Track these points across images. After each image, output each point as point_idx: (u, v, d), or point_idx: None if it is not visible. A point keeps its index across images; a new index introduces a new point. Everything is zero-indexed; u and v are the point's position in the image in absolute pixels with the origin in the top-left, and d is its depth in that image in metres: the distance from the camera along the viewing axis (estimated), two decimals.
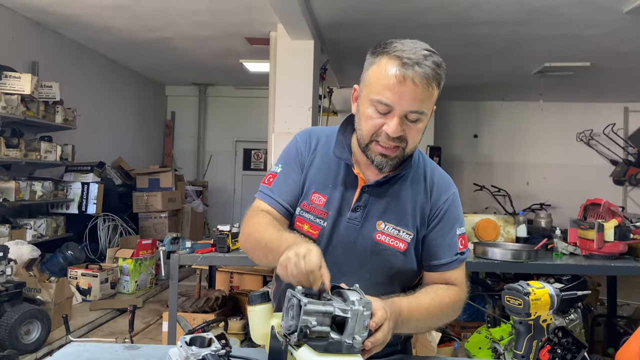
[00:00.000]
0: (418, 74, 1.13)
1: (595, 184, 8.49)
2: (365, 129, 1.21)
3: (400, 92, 1.14)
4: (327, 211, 1.27)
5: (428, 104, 1.19)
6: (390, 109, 1.16)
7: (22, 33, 5.27)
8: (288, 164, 1.34)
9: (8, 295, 3.46)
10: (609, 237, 2.96)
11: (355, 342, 0.99)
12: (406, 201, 1.29)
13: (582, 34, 5.18)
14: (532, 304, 0.99)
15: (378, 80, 1.17)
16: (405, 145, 1.21)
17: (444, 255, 1.29)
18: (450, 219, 1.31)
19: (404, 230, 1.27)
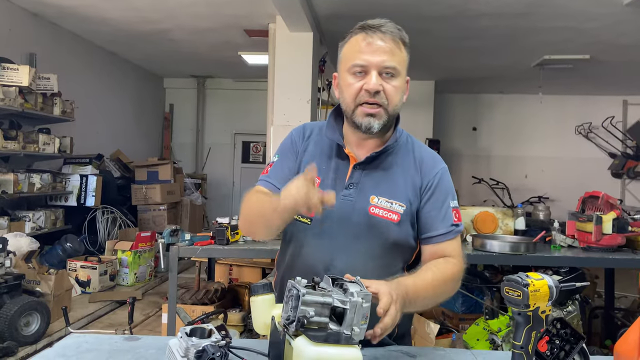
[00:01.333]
0: (382, 32, 1.28)
1: (594, 177, 8.50)
2: (348, 95, 1.30)
3: (370, 51, 1.27)
4: (321, 191, 1.30)
5: (398, 59, 1.30)
6: (366, 68, 1.27)
7: (20, 24, 5.24)
8: (284, 153, 1.42)
9: (7, 287, 3.47)
10: (607, 229, 2.96)
11: (354, 334, 1.00)
12: (397, 175, 1.35)
13: (581, 26, 5.16)
14: (531, 296, 1.00)
15: (350, 51, 1.31)
16: (387, 104, 1.29)
17: (440, 226, 1.33)
18: (442, 192, 1.36)
19: (397, 202, 1.32)
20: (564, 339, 1.17)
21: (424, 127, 8.43)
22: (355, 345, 1.00)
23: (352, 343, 1.00)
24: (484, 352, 1.36)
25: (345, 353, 0.98)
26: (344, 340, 0.99)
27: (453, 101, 9.22)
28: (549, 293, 1.02)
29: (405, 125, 3.21)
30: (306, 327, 1.00)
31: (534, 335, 1.03)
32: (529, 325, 1.03)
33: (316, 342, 0.98)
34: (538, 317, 1.03)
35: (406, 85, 1.37)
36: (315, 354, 0.97)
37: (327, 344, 0.98)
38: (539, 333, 1.04)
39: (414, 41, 1.40)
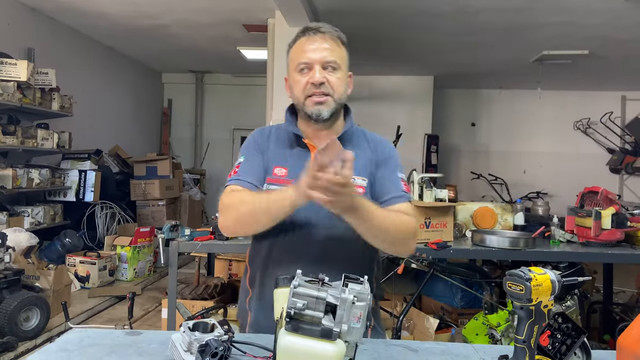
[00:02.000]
0: (321, 32, 1.45)
1: (592, 172, 8.51)
2: (297, 90, 1.46)
3: (312, 50, 1.43)
4: (290, 179, 1.43)
5: (338, 55, 1.45)
6: (310, 65, 1.43)
7: (18, 19, 5.22)
8: (249, 153, 1.53)
9: (7, 282, 3.47)
10: (606, 224, 2.97)
11: (342, 331, 1.00)
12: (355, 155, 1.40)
13: (581, 21, 5.16)
14: (533, 290, 1.00)
15: (296, 53, 1.47)
16: (333, 93, 1.43)
17: (391, 190, 1.48)
18: (392, 164, 1.53)
19: (359, 177, 1.46)
20: (566, 333, 1.17)
21: (422, 122, 8.43)
22: (335, 341, 0.99)
23: (335, 340, 0.98)
24: (485, 347, 1.37)
25: (317, 347, 0.98)
26: (333, 336, 0.98)
27: (452, 97, 9.22)
28: (551, 287, 1.02)
29: (404, 120, 3.28)
30: (300, 320, 1.00)
31: (536, 329, 1.04)
32: (531, 320, 1.03)
33: (295, 333, 0.99)
34: (540, 312, 1.03)
35: (349, 80, 1.51)
36: (288, 343, 0.98)
37: (303, 336, 0.98)
38: (540, 327, 1.05)
39: (412, 37, 1.43)
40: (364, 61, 7.43)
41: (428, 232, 3.01)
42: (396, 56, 7.05)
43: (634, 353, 1.01)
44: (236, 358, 1.17)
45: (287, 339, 0.99)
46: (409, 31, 5.65)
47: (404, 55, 6.95)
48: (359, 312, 1.00)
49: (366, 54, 6.83)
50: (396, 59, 7.23)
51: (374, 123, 8.14)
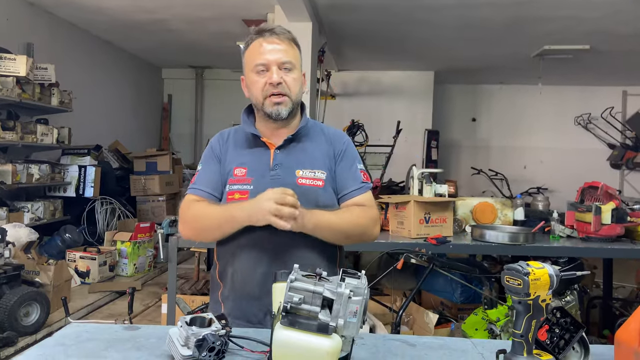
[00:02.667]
0: (276, 34, 1.50)
1: (593, 167, 8.51)
2: (256, 91, 1.51)
3: (267, 51, 1.49)
4: (250, 177, 1.51)
5: (292, 55, 1.51)
6: (266, 66, 1.49)
7: (16, 14, 5.20)
8: (205, 161, 1.60)
9: (6, 277, 3.47)
10: (606, 219, 2.96)
11: (339, 326, 0.99)
12: (313, 150, 1.57)
13: (582, 16, 5.14)
14: (531, 284, 0.99)
15: (252, 54, 1.52)
16: (290, 92, 1.50)
17: (352, 184, 1.56)
18: (350, 157, 1.60)
19: (319, 171, 1.53)
20: (564, 327, 1.17)
21: (423, 117, 8.42)
22: (331, 336, 0.98)
23: (331, 334, 0.98)
24: (484, 341, 1.37)
25: (313, 341, 0.98)
26: (329, 330, 0.98)
27: (452, 92, 9.19)
28: (549, 282, 1.02)
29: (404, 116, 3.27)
30: (296, 314, 1.00)
31: (534, 324, 1.03)
32: (529, 314, 1.03)
33: (288, 326, 0.98)
34: (538, 306, 1.03)
35: (303, 78, 1.58)
36: (284, 337, 0.98)
37: (299, 330, 0.98)
38: (539, 322, 1.04)
39: (413, 31, 1.43)
40: (364, 56, 7.41)
41: (427, 227, 3.01)
42: (396, 51, 7.03)
43: (632, 348, 1.01)
44: (234, 352, 1.17)
45: (283, 334, 0.99)
46: (410, 26, 5.63)
47: (404, 50, 6.93)
48: (355, 307, 1.00)
49: (366, 49, 6.81)
50: (396, 54, 7.20)
51: (374, 118, 8.14)
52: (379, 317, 3.23)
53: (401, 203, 3.06)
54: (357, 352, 1.21)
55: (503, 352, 1.08)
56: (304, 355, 0.98)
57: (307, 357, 0.98)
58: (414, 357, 1.23)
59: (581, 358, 1.18)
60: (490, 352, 1.25)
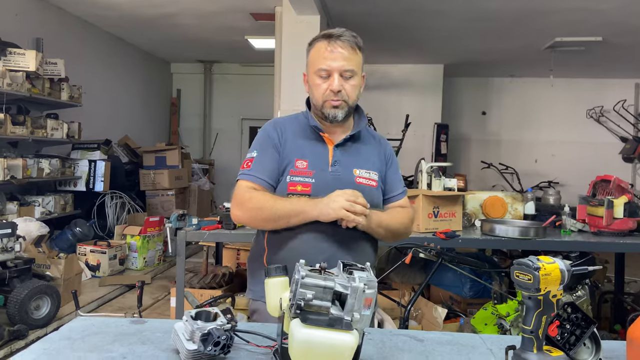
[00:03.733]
0: (341, 41, 1.55)
1: (605, 161, 8.40)
2: (317, 94, 1.58)
3: (332, 58, 1.54)
4: (311, 170, 1.56)
5: (354, 63, 1.57)
6: (329, 72, 1.55)
7: (26, 9, 5.22)
8: (262, 148, 1.62)
9: (17, 271, 3.50)
10: (618, 213, 2.93)
11: (354, 320, 0.98)
12: (367, 152, 1.67)
13: (594, 7, 5.06)
14: (542, 279, 0.97)
15: (316, 57, 1.58)
16: (348, 99, 1.57)
17: (398, 187, 1.72)
18: (396, 163, 1.75)
19: (373, 172, 1.64)
20: (575, 323, 1.15)
21: (432, 111, 8.35)
22: (352, 331, 0.98)
23: (351, 329, 0.98)
24: (492, 337, 1.35)
25: (336, 337, 0.97)
26: (344, 325, 0.97)
27: (462, 85, 9.11)
28: (560, 277, 1.00)
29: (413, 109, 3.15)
30: (306, 310, 0.99)
31: (544, 319, 1.01)
32: (540, 310, 1.01)
33: (309, 324, 0.97)
34: (549, 302, 1.00)
35: (362, 81, 1.63)
36: (305, 336, 0.97)
37: (319, 327, 0.97)
38: (549, 317, 1.02)
39: (422, 24, 1.42)
40: (373, 50, 7.36)
41: (436, 221, 2.99)
42: (406, 44, 6.98)
43: None
44: (239, 347, 1.16)
45: (304, 332, 0.97)
46: (419, 18, 5.57)
47: (413, 43, 6.87)
48: (369, 300, 0.99)
49: (375, 42, 6.76)
50: (406, 47, 7.15)
51: (383, 112, 8.10)
52: (388, 311, 3.22)
53: (410, 197, 3.03)
54: (363, 348, 1.19)
55: (512, 348, 1.06)
56: (327, 351, 0.97)
57: (330, 354, 0.97)
58: (422, 352, 1.22)
59: (592, 354, 1.16)
60: (499, 348, 1.23)
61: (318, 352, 0.97)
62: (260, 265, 1.62)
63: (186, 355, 1.09)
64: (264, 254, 1.62)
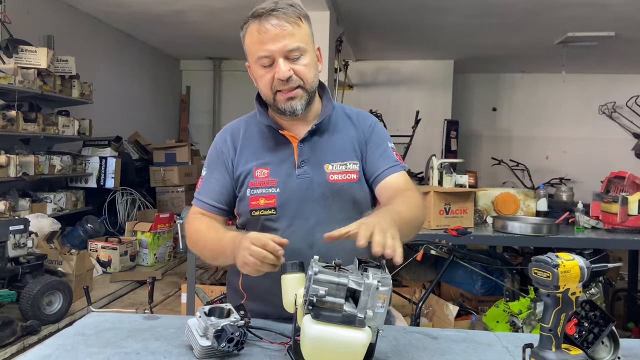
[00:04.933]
0: (274, 17, 1.24)
1: (617, 157, 8.30)
2: (264, 86, 1.32)
3: (269, 40, 1.25)
4: (274, 179, 1.34)
5: (300, 38, 1.27)
6: (271, 57, 1.26)
7: (37, 7, 5.25)
8: (210, 166, 1.43)
9: (30, 267, 3.53)
10: (632, 210, 2.89)
11: (367, 317, 0.97)
12: (341, 138, 1.39)
13: (607, 2, 4.99)
14: (561, 277, 0.96)
15: (251, 43, 1.29)
16: (303, 83, 1.29)
17: (384, 163, 1.38)
18: (379, 136, 1.42)
19: (350, 162, 1.36)
20: (593, 321, 1.13)
21: (442, 107, 8.31)
22: (364, 328, 0.97)
23: (360, 326, 0.97)
24: (508, 334, 1.33)
25: (348, 334, 0.96)
26: (357, 322, 0.96)
27: (473, 81, 9.05)
28: (579, 274, 0.98)
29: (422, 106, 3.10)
30: (319, 307, 0.98)
31: (562, 317, 1.00)
32: (558, 307, 0.99)
33: (321, 321, 0.96)
34: (567, 299, 0.99)
35: (318, 55, 1.36)
36: (317, 332, 0.96)
37: (331, 324, 0.96)
38: (567, 315, 1.01)
39: (432, 19, 1.37)
40: (382, 46, 7.32)
41: (448, 218, 2.97)
42: (416, 40, 6.93)
43: None
44: (252, 343, 1.16)
45: (316, 328, 0.96)
46: (429, 13, 5.53)
47: (423, 38, 6.83)
48: (382, 297, 0.98)
49: (384, 38, 6.72)
50: (415, 43, 7.10)
51: (393, 109, 8.07)
52: (398, 308, 3.20)
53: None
54: (377, 345, 1.18)
55: (530, 347, 1.05)
56: (339, 348, 0.96)
57: (342, 351, 0.96)
58: (436, 350, 1.21)
59: (611, 352, 1.14)
60: (516, 346, 1.21)
61: (329, 348, 0.97)
62: (236, 291, 1.44)
63: (200, 352, 1.08)
64: (239, 278, 1.43)
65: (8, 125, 4.23)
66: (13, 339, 3.23)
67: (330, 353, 0.97)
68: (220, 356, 1.09)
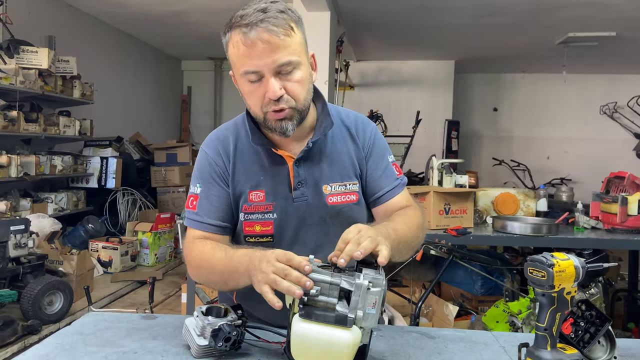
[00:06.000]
0: (262, 30, 1.11)
1: (618, 158, 8.29)
2: (253, 104, 1.20)
3: (257, 55, 1.12)
4: (270, 203, 1.26)
5: (292, 50, 1.14)
6: (260, 73, 1.14)
7: (38, 7, 5.26)
8: (205, 181, 1.29)
9: (31, 267, 3.54)
10: (632, 210, 2.89)
11: (357, 318, 0.97)
12: (339, 155, 1.30)
13: (608, 1, 4.98)
14: (556, 276, 0.96)
15: (236, 55, 1.16)
16: (295, 103, 1.18)
17: (386, 183, 1.32)
18: (380, 149, 1.34)
19: (350, 182, 1.29)
20: (589, 321, 1.13)
21: (443, 108, 8.31)
22: (351, 328, 0.96)
23: (348, 326, 0.96)
24: (505, 334, 1.34)
25: (332, 333, 0.96)
26: (348, 323, 0.96)
27: (473, 81, 9.05)
28: (574, 274, 0.98)
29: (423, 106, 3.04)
30: (313, 306, 0.98)
31: (558, 317, 1.00)
32: (553, 307, 0.99)
33: (312, 320, 0.97)
34: (563, 299, 0.99)
35: (313, 63, 1.25)
36: (303, 330, 0.97)
37: (317, 322, 0.96)
38: (563, 315, 1.01)
39: (433, 19, 1.35)
40: (382, 46, 7.32)
41: (447, 218, 2.97)
42: (416, 40, 6.93)
43: None
44: (250, 343, 1.16)
45: (302, 326, 0.97)
46: (430, 14, 5.53)
47: (424, 39, 6.83)
48: (374, 298, 0.98)
49: (385, 38, 6.72)
50: (416, 43, 7.10)
51: (393, 109, 8.07)
52: (398, 308, 3.21)
53: (420, 194, 3.02)
54: (374, 344, 1.19)
55: (526, 346, 1.05)
56: (324, 347, 0.97)
57: (327, 350, 0.97)
58: (433, 349, 1.21)
59: (607, 352, 1.14)
60: (512, 346, 1.22)
61: (315, 346, 0.97)
62: (229, 301, 1.35)
63: (197, 351, 1.09)
64: (233, 293, 1.34)
65: (9, 126, 4.24)
66: (14, 338, 3.24)
67: (316, 351, 0.97)
68: (218, 355, 1.09)
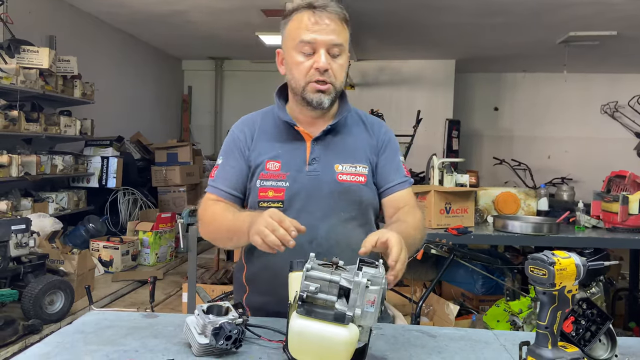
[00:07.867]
0: (328, 11, 1.32)
1: (619, 157, 8.28)
2: (298, 73, 1.35)
3: (318, 30, 1.31)
4: (285, 172, 1.38)
5: (343, 38, 1.35)
6: (314, 46, 1.32)
7: (39, 7, 5.26)
8: (226, 154, 1.46)
9: (32, 266, 3.54)
10: (633, 209, 2.89)
11: (356, 315, 0.97)
12: (354, 141, 1.44)
13: (609, 1, 4.98)
14: (557, 274, 0.96)
15: (297, 29, 1.33)
16: (335, 81, 1.35)
17: (395, 177, 1.45)
18: (393, 148, 1.48)
19: (360, 165, 1.40)
20: (590, 319, 1.13)
21: (444, 107, 8.31)
22: (348, 326, 0.96)
23: (346, 323, 0.96)
24: (506, 333, 1.34)
25: (329, 330, 0.96)
26: (346, 320, 0.96)
27: (474, 80, 9.04)
28: (576, 272, 0.98)
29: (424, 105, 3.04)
30: (313, 304, 0.98)
31: (559, 315, 1.00)
32: (554, 305, 0.99)
33: (304, 316, 0.97)
34: (564, 297, 0.99)
35: (348, 61, 1.42)
36: (300, 327, 0.97)
37: (314, 319, 0.96)
38: (564, 313, 1.01)
39: (434, 19, 1.39)
40: (383, 46, 7.32)
41: (448, 217, 2.96)
42: (418, 40, 6.93)
43: None
44: (251, 341, 1.16)
45: (299, 323, 0.97)
46: (431, 14, 5.53)
47: (425, 38, 6.83)
48: (372, 296, 0.98)
49: (386, 38, 6.72)
50: (417, 42, 7.10)
51: (394, 108, 8.07)
52: (399, 307, 3.20)
53: (421, 193, 3.02)
54: (375, 343, 1.19)
55: (526, 344, 1.05)
56: (321, 344, 0.97)
57: (324, 347, 0.97)
58: (434, 348, 1.21)
59: (608, 350, 1.14)
60: (513, 344, 1.22)
61: (312, 343, 0.97)
62: (240, 286, 1.48)
63: (198, 349, 1.09)
64: (243, 271, 1.47)
65: (10, 125, 4.24)
66: (15, 338, 3.24)
67: (314, 348, 0.97)
68: (218, 354, 1.09)
